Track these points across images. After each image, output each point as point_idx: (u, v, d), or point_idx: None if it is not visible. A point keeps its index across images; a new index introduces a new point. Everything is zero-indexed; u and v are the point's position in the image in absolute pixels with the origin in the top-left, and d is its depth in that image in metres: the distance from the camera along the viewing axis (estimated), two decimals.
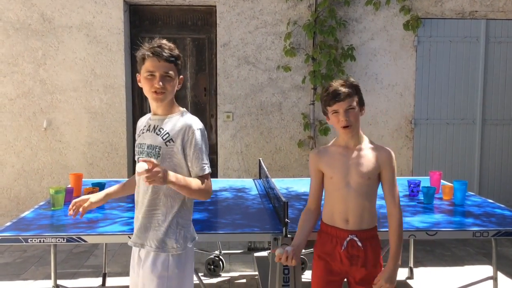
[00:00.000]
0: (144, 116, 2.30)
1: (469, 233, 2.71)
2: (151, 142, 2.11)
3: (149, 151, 2.10)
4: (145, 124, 2.21)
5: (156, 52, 2.07)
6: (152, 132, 2.13)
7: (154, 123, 2.15)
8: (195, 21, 5.53)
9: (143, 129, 2.19)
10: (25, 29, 5.21)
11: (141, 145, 2.16)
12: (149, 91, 2.09)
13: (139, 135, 2.21)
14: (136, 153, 2.19)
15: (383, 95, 5.56)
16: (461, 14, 5.53)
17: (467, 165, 5.70)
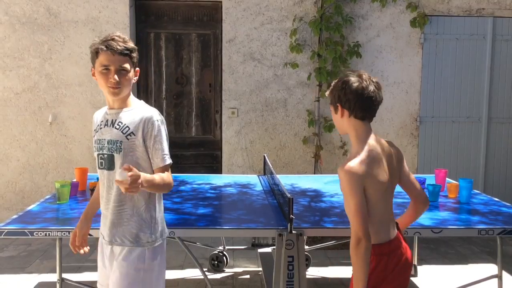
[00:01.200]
0: (99, 110, 2.25)
1: (475, 231, 2.70)
2: (111, 137, 2.08)
3: (110, 146, 2.07)
4: (101, 119, 2.16)
5: (110, 46, 2.03)
6: (111, 127, 2.10)
7: (112, 117, 2.11)
8: (201, 17, 5.52)
9: (100, 125, 2.15)
10: (31, 23, 5.22)
11: (100, 141, 2.11)
12: (104, 85, 2.06)
13: (96, 131, 2.16)
14: (96, 149, 2.14)
15: (388, 93, 5.54)
16: (468, 11, 5.50)
17: (472, 163, 5.68)
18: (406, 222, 2.29)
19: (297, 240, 2.56)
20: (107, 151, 2.08)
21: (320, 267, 4.31)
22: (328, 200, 3.32)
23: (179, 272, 4.20)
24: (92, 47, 2.07)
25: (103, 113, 2.18)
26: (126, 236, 2.11)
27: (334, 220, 2.83)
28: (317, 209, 3.09)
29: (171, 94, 5.57)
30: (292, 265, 2.56)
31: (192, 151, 5.64)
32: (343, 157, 5.52)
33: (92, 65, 2.11)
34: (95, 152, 2.14)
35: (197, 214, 2.93)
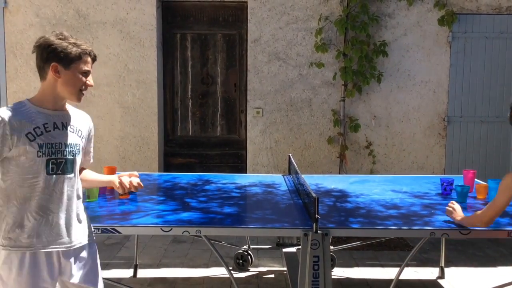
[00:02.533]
0: (16, 109, 2.01)
1: (504, 233, 2.65)
2: (70, 141, 2.08)
3: (71, 150, 2.08)
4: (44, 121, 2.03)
5: (93, 53, 2.12)
6: (63, 130, 2.07)
7: (60, 120, 2.08)
8: (226, 17, 5.55)
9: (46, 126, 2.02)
10: (61, 25, 5.34)
11: (53, 144, 2.02)
12: (77, 88, 2.07)
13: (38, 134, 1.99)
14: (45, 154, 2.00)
15: (415, 92, 5.48)
16: (497, 9, 5.39)
17: (501, 164, 5.56)
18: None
19: (323, 240, 2.56)
20: (68, 155, 2.06)
21: (345, 268, 4.29)
22: (353, 200, 3.30)
23: (204, 270, 4.24)
24: (73, 49, 2.02)
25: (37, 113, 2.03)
26: (85, 234, 2.21)
27: (359, 221, 2.82)
28: (342, 209, 3.08)
29: (197, 94, 5.63)
30: (318, 265, 2.55)
31: (217, 151, 5.68)
32: (369, 157, 5.48)
33: (60, 63, 2.02)
34: (44, 156, 1.99)
35: (222, 213, 2.95)
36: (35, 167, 1.99)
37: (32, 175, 1.99)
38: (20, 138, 1.95)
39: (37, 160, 1.99)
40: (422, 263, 4.43)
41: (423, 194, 3.49)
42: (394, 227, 2.69)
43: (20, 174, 1.99)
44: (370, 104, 5.48)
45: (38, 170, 1.99)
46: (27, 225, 2.00)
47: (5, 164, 1.99)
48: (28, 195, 2.00)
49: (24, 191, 2.00)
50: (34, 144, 1.98)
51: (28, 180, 1.99)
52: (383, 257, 4.57)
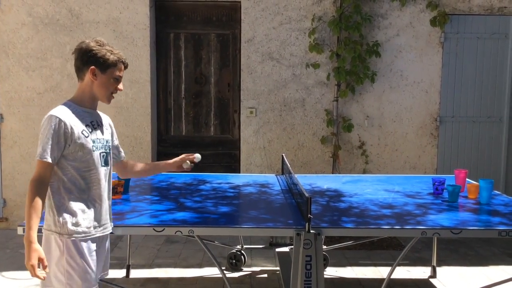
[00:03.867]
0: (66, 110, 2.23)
1: (495, 232, 2.68)
2: (106, 137, 2.37)
3: (108, 145, 2.38)
4: (89, 119, 2.29)
5: (126, 63, 2.37)
6: (101, 127, 2.36)
7: (98, 119, 2.36)
8: (220, 17, 5.55)
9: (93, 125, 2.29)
10: (53, 24, 5.32)
11: (99, 140, 2.30)
12: (109, 91, 2.31)
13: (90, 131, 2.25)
14: (96, 148, 2.27)
15: (408, 92, 5.50)
16: (489, 10, 5.43)
17: (493, 164, 5.60)
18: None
19: (315, 240, 2.57)
20: (106, 149, 2.34)
21: (338, 267, 4.31)
22: (346, 200, 3.32)
23: (197, 270, 4.24)
24: (111, 57, 2.26)
25: (84, 112, 2.28)
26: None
27: (352, 220, 2.83)
28: (335, 209, 3.09)
29: (190, 94, 5.62)
30: (310, 264, 2.56)
31: (210, 151, 5.68)
32: (362, 157, 5.50)
33: (98, 67, 2.25)
34: (97, 150, 2.27)
35: (216, 213, 2.96)
36: (91, 161, 2.23)
37: (89, 168, 2.23)
38: (77, 135, 2.19)
39: (92, 154, 2.24)
40: (414, 263, 4.45)
41: (415, 193, 3.51)
42: (386, 226, 2.71)
43: (79, 168, 2.21)
44: (363, 104, 5.50)
45: (94, 163, 2.25)
46: (88, 213, 2.24)
47: (63, 161, 2.19)
48: (86, 186, 2.24)
49: (84, 183, 2.23)
50: (89, 139, 2.24)
51: (87, 172, 2.23)
52: (376, 257, 4.59)
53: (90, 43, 2.26)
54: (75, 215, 2.20)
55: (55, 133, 2.14)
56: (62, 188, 2.21)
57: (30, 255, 2.08)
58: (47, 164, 2.14)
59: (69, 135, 2.17)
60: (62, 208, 2.20)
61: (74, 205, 2.21)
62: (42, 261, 2.09)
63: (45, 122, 2.18)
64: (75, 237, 2.20)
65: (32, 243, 2.08)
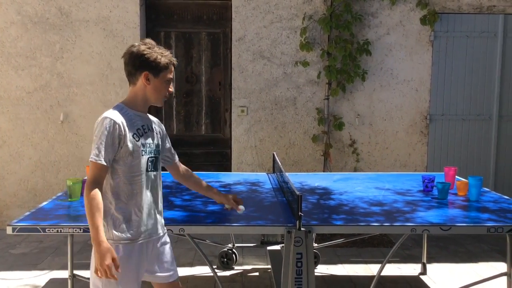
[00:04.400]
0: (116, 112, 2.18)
1: (484, 229, 2.70)
2: (156, 142, 2.30)
3: (156, 150, 2.29)
4: (140, 122, 2.23)
5: (175, 64, 2.29)
6: (152, 131, 2.30)
7: (148, 123, 2.30)
8: (211, 16, 5.54)
9: (144, 129, 2.24)
10: (43, 23, 5.28)
11: (149, 144, 2.24)
12: (162, 95, 2.26)
13: (140, 135, 2.20)
14: (145, 153, 2.21)
15: (398, 91, 5.53)
16: (478, 9, 5.47)
17: (482, 161, 5.65)
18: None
19: (306, 237, 2.58)
20: (155, 154, 2.28)
21: (329, 265, 4.32)
22: (337, 197, 3.33)
23: (189, 269, 4.23)
24: (162, 60, 2.21)
25: (135, 116, 2.22)
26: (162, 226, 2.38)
27: (343, 218, 2.84)
28: (326, 206, 3.10)
29: (181, 93, 5.61)
30: (301, 262, 2.57)
31: (201, 149, 5.67)
32: (353, 155, 5.52)
33: (151, 72, 2.21)
34: (146, 155, 2.21)
35: (206, 212, 2.95)
36: (139, 165, 2.18)
37: (137, 172, 2.18)
38: (128, 138, 2.15)
39: (141, 159, 2.19)
40: (405, 260, 4.48)
41: (406, 191, 3.53)
42: (376, 223, 2.72)
43: (127, 172, 2.16)
44: (353, 102, 5.52)
45: (141, 168, 2.19)
46: (135, 219, 2.18)
47: (113, 164, 2.15)
48: (134, 192, 2.18)
49: (131, 188, 2.17)
50: (139, 143, 2.19)
51: (134, 178, 2.17)
52: (366, 254, 4.61)
53: (140, 46, 2.21)
54: (120, 221, 2.15)
55: (109, 135, 2.10)
56: (109, 192, 2.16)
57: (104, 255, 2.02)
58: (101, 166, 2.09)
59: (122, 138, 2.13)
60: (108, 213, 2.15)
61: (120, 210, 2.16)
62: (115, 260, 2.05)
63: (99, 124, 2.14)
64: (119, 243, 2.14)
65: (103, 242, 2.03)
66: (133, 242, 2.17)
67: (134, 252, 2.18)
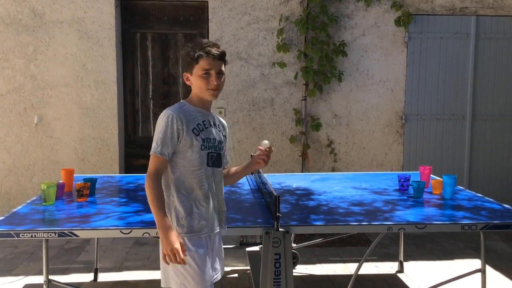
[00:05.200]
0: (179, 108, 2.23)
1: (458, 226, 2.75)
2: (218, 138, 2.29)
3: (219, 146, 2.29)
4: (201, 118, 2.25)
5: (210, 52, 2.19)
6: (214, 127, 2.29)
7: (210, 119, 2.30)
8: (187, 17, 5.52)
9: (204, 124, 2.24)
10: (15, 24, 5.18)
11: (210, 140, 2.25)
12: (205, 88, 2.20)
13: (201, 129, 2.22)
14: (206, 147, 2.23)
15: (374, 91, 5.59)
16: (451, 10, 5.57)
17: (457, 160, 5.76)
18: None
19: (284, 238, 2.59)
20: (216, 150, 2.27)
21: (307, 265, 4.34)
22: (315, 198, 3.34)
23: None
24: (191, 53, 2.19)
25: (196, 112, 2.24)
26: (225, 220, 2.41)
27: (321, 218, 2.86)
28: (304, 207, 3.11)
29: (158, 94, 5.57)
30: (279, 262, 2.58)
31: None
32: (330, 156, 5.56)
33: (187, 71, 2.23)
34: (206, 150, 2.22)
35: None
36: (199, 159, 2.20)
37: (197, 166, 2.20)
38: (188, 132, 2.17)
39: (201, 153, 2.21)
40: (382, 258, 4.53)
41: (382, 190, 3.57)
42: (353, 223, 2.75)
43: (187, 166, 2.19)
44: (331, 103, 5.57)
45: (202, 162, 2.21)
46: (196, 212, 2.21)
47: (173, 158, 2.19)
48: (194, 185, 2.21)
49: (191, 182, 2.20)
50: (199, 138, 2.20)
51: (195, 172, 2.20)
52: (345, 253, 4.65)
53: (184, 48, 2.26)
54: (183, 214, 2.19)
55: (168, 129, 2.14)
56: (172, 185, 2.20)
57: (170, 240, 2.05)
58: (161, 159, 2.15)
59: (182, 131, 2.16)
60: (171, 206, 2.20)
61: (182, 203, 2.19)
62: (182, 245, 2.08)
63: (160, 118, 2.19)
64: (184, 236, 2.18)
65: (169, 227, 2.08)
66: (197, 235, 2.21)
67: (201, 245, 2.21)
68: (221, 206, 2.35)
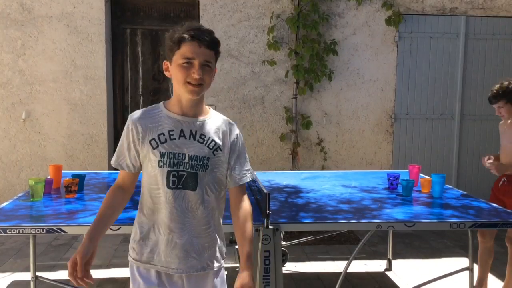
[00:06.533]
0: (149, 111, 1.83)
1: (446, 225, 2.76)
2: (195, 153, 1.77)
3: (194, 164, 1.77)
4: (171, 127, 1.78)
5: (197, 36, 1.72)
6: (192, 140, 1.78)
7: (190, 127, 1.79)
8: (178, 13, 5.49)
9: (171, 134, 1.77)
10: (4, 18, 5.12)
11: (175, 155, 1.76)
12: (183, 81, 1.73)
13: (162, 142, 1.76)
14: (166, 164, 1.76)
15: (364, 90, 5.61)
16: (441, 10, 5.61)
17: (445, 159, 5.80)
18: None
19: (274, 235, 2.59)
20: (189, 168, 1.77)
21: (297, 262, 4.35)
22: (305, 195, 3.35)
23: None
24: (173, 36, 1.74)
25: (166, 118, 1.79)
26: (216, 256, 1.88)
27: (310, 215, 2.86)
28: (294, 204, 3.12)
29: (148, 91, 5.54)
30: (269, 259, 2.57)
31: None
32: (320, 154, 5.57)
33: (168, 59, 1.79)
34: (165, 167, 1.76)
35: None
36: (156, 178, 1.77)
37: (155, 185, 1.78)
38: (144, 144, 1.77)
39: (158, 170, 1.76)
40: (371, 256, 4.55)
41: (371, 188, 3.59)
42: (343, 220, 2.76)
43: (148, 183, 1.80)
44: (321, 101, 5.57)
45: (159, 181, 1.77)
46: (152, 238, 1.81)
47: (142, 169, 1.83)
48: (154, 207, 1.80)
49: (151, 202, 1.80)
50: (156, 152, 1.75)
51: (153, 191, 1.79)
52: (334, 251, 4.66)
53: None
54: (138, 236, 1.83)
55: (124, 138, 1.80)
56: (140, 199, 1.87)
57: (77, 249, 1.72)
58: (122, 171, 1.84)
59: (138, 142, 1.78)
60: (135, 222, 1.87)
61: (140, 224, 1.84)
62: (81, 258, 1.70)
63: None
64: (134, 262, 1.85)
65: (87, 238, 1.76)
66: (146, 265, 1.82)
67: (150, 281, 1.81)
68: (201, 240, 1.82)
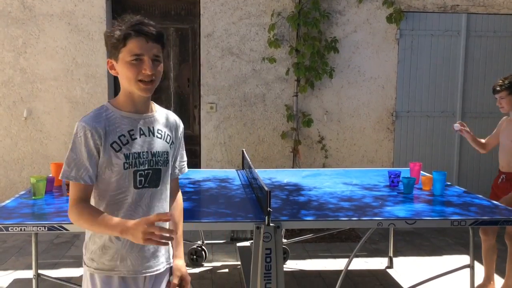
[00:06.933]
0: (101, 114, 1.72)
1: (447, 222, 2.77)
2: (156, 149, 1.77)
3: (157, 160, 1.77)
4: (129, 127, 1.73)
5: (143, 31, 1.66)
6: (151, 136, 1.77)
7: (147, 124, 1.77)
8: (179, 11, 5.49)
9: (131, 134, 1.73)
10: (5, 16, 5.12)
11: (136, 154, 1.72)
12: (134, 79, 1.68)
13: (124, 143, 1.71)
14: (133, 165, 1.72)
15: (365, 88, 5.61)
16: (442, 8, 5.60)
17: (446, 157, 5.80)
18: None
19: (275, 233, 2.59)
20: (153, 165, 1.75)
21: (298, 260, 4.36)
22: (306, 193, 3.35)
23: None
24: (116, 33, 1.66)
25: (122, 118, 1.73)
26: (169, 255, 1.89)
27: (311, 213, 2.87)
28: (295, 202, 3.12)
29: None
30: (270, 257, 2.58)
31: None
32: (321, 152, 5.58)
33: (112, 57, 1.72)
34: (131, 168, 1.71)
35: None
36: (121, 181, 1.71)
37: (119, 190, 1.72)
38: (105, 149, 1.68)
39: (124, 173, 1.70)
40: (372, 254, 4.56)
41: (372, 186, 3.59)
42: (344, 218, 2.76)
43: (106, 190, 1.72)
44: (322, 99, 5.58)
45: (125, 184, 1.72)
46: (111, 246, 1.74)
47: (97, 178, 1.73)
48: (113, 214, 1.69)
49: (110, 209, 1.72)
50: (120, 154, 1.69)
51: (115, 197, 1.72)
52: (335, 249, 4.67)
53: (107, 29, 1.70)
54: (95, 245, 1.76)
55: (82, 147, 1.66)
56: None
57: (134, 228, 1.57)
58: (81, 186, 1.68)
59: (100, 147, 1.68)
60: (87, 234, 1.79)
61: (95, 234, 1.76)
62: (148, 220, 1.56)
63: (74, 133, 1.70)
64: (94, 271, 1.75)
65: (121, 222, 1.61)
66: (109, 273, 1.75)
67: (113, 285, 1.75)
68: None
